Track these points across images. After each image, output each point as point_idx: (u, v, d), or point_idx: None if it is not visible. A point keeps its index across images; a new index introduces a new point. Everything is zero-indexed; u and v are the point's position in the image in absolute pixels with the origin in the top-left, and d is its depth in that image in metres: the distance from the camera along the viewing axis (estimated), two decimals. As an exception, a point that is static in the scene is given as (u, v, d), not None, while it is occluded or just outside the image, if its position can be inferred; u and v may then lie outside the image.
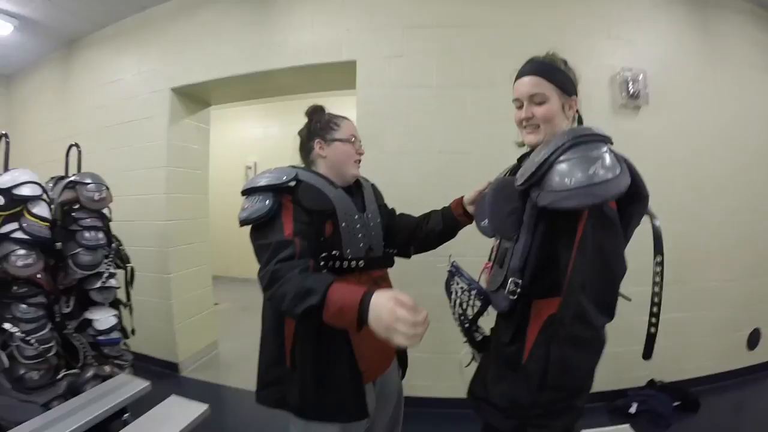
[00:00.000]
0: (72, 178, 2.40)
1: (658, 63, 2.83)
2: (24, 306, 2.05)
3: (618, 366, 2.76)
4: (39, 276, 2.11)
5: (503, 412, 1.05)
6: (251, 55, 2.99)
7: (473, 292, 1.20)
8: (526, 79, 1.11)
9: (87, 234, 2.33)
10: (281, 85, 3.28)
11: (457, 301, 1.26)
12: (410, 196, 1.77)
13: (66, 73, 3.91)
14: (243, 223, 1.18)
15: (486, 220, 1.20)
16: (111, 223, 2.45)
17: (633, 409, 2.71)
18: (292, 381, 1.20)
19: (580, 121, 1.18)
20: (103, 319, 2.40)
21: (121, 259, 2.58)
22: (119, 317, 2.45)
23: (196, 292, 3.47)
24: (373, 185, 1.52)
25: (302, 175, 1.23)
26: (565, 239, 0.95)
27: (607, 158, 0.91)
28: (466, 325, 1.23)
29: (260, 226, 1.16)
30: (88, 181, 2.42)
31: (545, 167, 0.95)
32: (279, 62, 2.93)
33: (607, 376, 2.77)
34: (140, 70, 3.36)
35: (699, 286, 3.00)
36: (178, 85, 3.22)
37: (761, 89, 3.24)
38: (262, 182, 1.19)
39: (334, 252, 1.20)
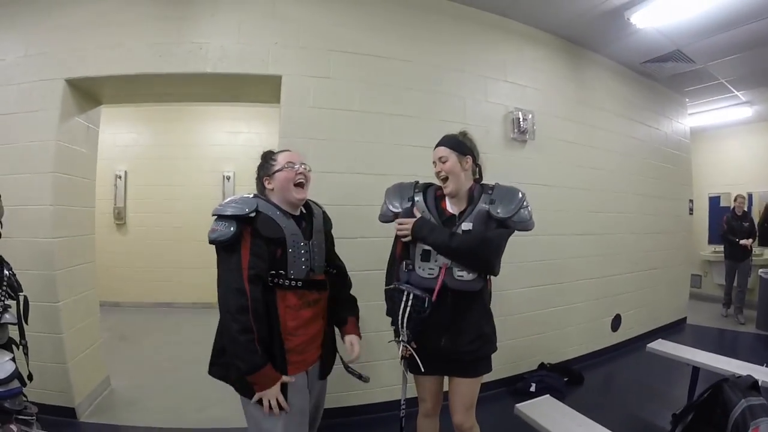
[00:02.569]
0: None
1: (541, 104, 3.66)
2: None
3: (514, 354, 3.52)
4: None
5: (479, 342, 1.81)
6: (166, 54, 2.82)
7: (426, 298, 1.74)
8: (438, 148, 1.87)
9: None
10: (195, 91, 3.20)
11: (407, 308, 1.76)
12: (331, 214, 1.99)
13: None
14: (212, 242, 1.57)
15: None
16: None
17: (533, 388, 3.31)
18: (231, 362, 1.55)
19: (480, 171, 1.95)
20: None
21: (13, 288, 2.14)
22: (15, 361, 2.06)
23: (86, 322, 3.13)
24: (324, 212, 1.91)
25: (261, 207, 1.62)
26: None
27: (530, 209, 1.83)
28: (405, 327, 1.77)
29: (225, 248, 1.55)
30: None
31: (517, 210, 1.77)
32: (197, 66, 2.82)
33: (506, 364, 3.48)
34: (28, 52, 2.89)
35: (570, 284, 3.93)
36: (74, 77, 2.86)
37: (616, 129, 4.43)
38: (229, 211, 1.57)
39: (280, 271, 1.60)
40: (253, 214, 1.56)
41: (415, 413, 2.01)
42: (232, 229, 1.53)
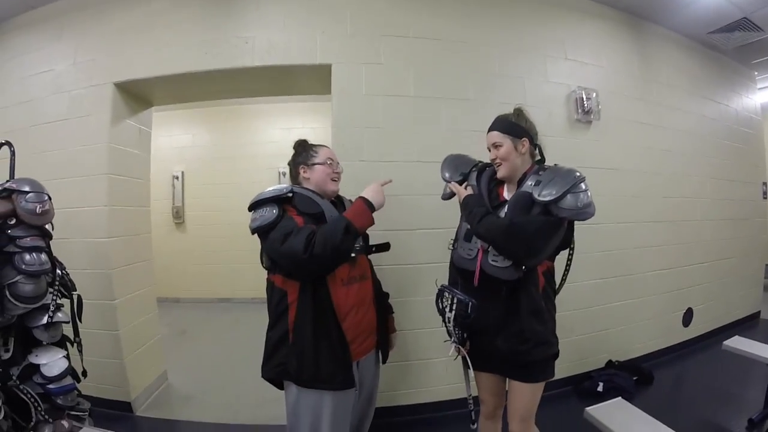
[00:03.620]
0: (6, 185, 1.96)
1: (605, 83, 3.35)
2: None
3: (580, 351, 3.25)
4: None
5: (528, 347, 1.56)
6: (212, 51, 2.77)
7: (469, 303, 1.57)
8: (490, 133, 1.70)
9: (27, 257, 1.88)
10: (243, 86, 3.12)
11: (450, 310, 1.64)
12: (389, 206, 1.81)
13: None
14: (257, 230, 1.54)
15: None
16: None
17: (600, 388, 3.06)
18: (293, 354, 1.53)
19: (540, 151, 1.72)
20: (52, 363, 2.00)
21: (66, 287, 2.14)
22: (69, 358, 2.08)
23: (143, 319, 3.15)
24: (351, 201, 1.81)
25: (296, 189, 1.64)
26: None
27: (588, 195, 1.49)
28: (456, 328, 1.65)
29: (272, 228, 1.49)
30: (27, 189, 1.96)
31: (562, 195, 1.47)
32: (245, 60, 2.75)
33: (572, 362, 3.22)
34: (77, 60, 2.94)
35: (639, 276, 3.57)
36: (122, 80, 2.87)
37: (684, 107, 4.01)
38: (266, 195, 1.55)
39: None
40: (290, 194, 1.58)
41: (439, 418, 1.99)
42: (274, 211, 1.51)
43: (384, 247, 1.78)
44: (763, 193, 5.12)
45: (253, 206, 1.56)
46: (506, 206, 1.59)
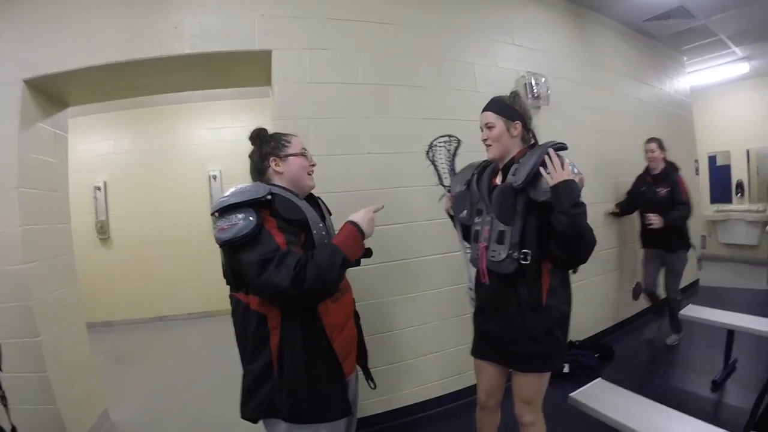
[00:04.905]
0: None
1: (553, 68, 3.44)
2: None
3: None
4: None
5: (530, 342, 1.57)
6: (135, 39, 2.47)
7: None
8: (483, 113, 1.70)
9: None
10: (172, 79, 2.84)
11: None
12: (339, 203, 1.84)
13: None
14: (228, 243, 1.25)
15: (465, 212, 1.80)
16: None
17: (566, 369, 3.14)
18: (282, 389, 1.33)
19: (534, 136, 1.73)
20: None
21: None
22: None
23: (73, 353, 2.77)
24: (319, 198, 1.71)
25: (274, 189, 1.39)
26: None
27: (573, 168, 1.52)
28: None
29: (247, 243, 1.24)
30: None
31: (533, 172, 1.50)
32: (173, 48, 2.46)
33: None
34: None
35: (592, 255, 3.43)
36: (33, 76, 2.49)
37: (624, 91, 4.29)
38: (239, 198, 1.28)
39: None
40: (269, 197, 1.33)
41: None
42: (251, 218, 1.25)
43: (367, 253, 1.60)
44: (695, 169, 5.58)
45: (222, 211, 1.27)
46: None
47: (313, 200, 1.60)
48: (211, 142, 5.79)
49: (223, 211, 1.27)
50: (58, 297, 2.66)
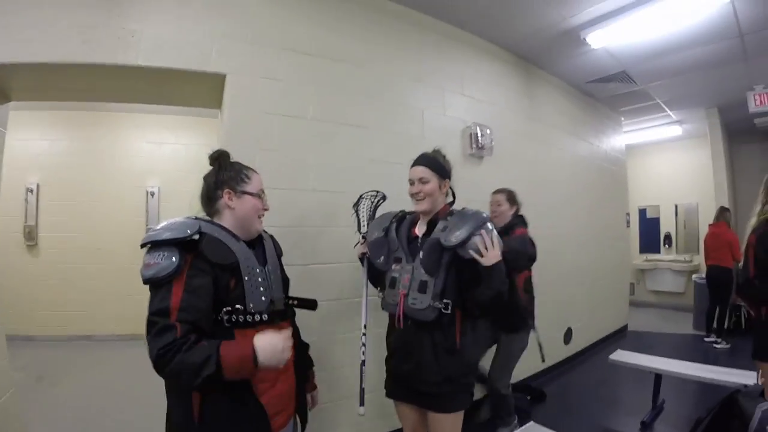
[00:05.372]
0: None
1: (498, 120, 3.61)
2: None
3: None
4: None
5: (444, 382, 1.64)
6: (91, 40, 2.29)
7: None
8: (418, 168, 1.77)
9: None
10: (121, 87, 2.69)
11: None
12: (280, 238, 1.71)
13: None
14: (149, 282, 1.19)
15: (381, 258, 1.82)
16: None
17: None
18: None
19: (453, 194, 1.85)
20: None
21: None
22: None
23: None
24: (272, 237, 1.63)
25: (205, 228, 1.31)
26: (473, 274, 1.62)
27: (496, 236, 1.65)
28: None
29: (155, 287, 1.19)
30: None
31: (467, 238, 1.60)
32: (128, 57, 2.33)
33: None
34: None
35: None
36: None
37: (564, 146, 4.54)
38: (166, 235, 1.23)
39: (237, 306, 1.28)
40: (196, 236, 1.24)
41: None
42: (174, 259, 1.18)
43: (310, 304, 1.52)
44: (627, 222, 6.05)
45: (149, 246, 1.22)
46: (418, 243, 1.75)
47: (259, 240, 1.50)
48: (150, 156, 5.53)
49: (150, 246, 1.21)
50: None
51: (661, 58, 4.01)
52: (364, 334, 1.89)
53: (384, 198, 2.16)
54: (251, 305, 1.30)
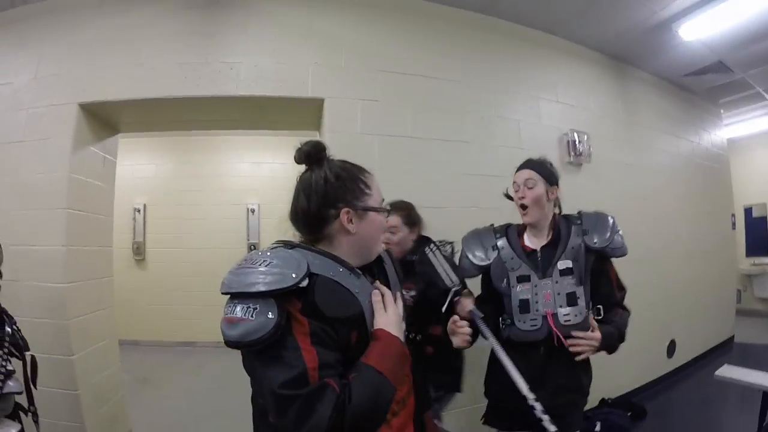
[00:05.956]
0: None
1: (594, 125, 3.43)
2: None
3: None
4: None
5: (581, 398, 1.63)
6: (192, 76, 2.52)
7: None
8: (524, 171, 1.67)
9: None
10: (223, 117, 2.91)
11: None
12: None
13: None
14: (235, 345, 0.83)
15: (504, 281, 1.65)
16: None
17: (598, 427, 3.01)
18: None
19: (559, 203, 1.75)
20: None
21: (17, 346, 1.79)
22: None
23: (105, 374, 2.79)
24: (389, 253, 1.22)
25: (316, 266, 0.90)
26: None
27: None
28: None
29: (261, 352, 0.83)
30: None
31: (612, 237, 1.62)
32: (229, 89, 2.51)
33: None
34: (38, 74, 2.61)
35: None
36: (88, 101, 2.57)
37: (662, 146, 4.21)
38: (261, 286, 0.83)
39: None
40: (305, 282, 0.85)
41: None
42: (270, 315, 0.81)
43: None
44: (732, 223, 5.45)
45: (234, 295, 0.86)
46: (554, 258, 1.61)
47: (378, 262, 1.12)
48: (250, 175, 5.89)
49: (234, 295, 0.86)
50: (95, 318, 2.71)
51: (758, 44, 3.62)
52: (536, 400, 1.42)
53: (452, 245, 2.04)
54: None
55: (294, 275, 0.83)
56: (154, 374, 4.50)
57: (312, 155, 1.01)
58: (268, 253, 0.89)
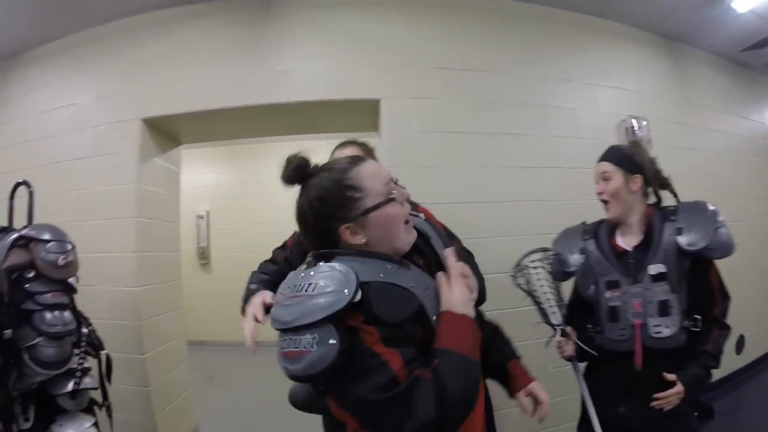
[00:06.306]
0: (24, 233, 1.69)
1: (651, 109, 3.19)
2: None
3: None
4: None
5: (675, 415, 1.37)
6: (246, 86, 2.57)
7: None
8: (602, 163, 1.51)
9: (49, 315, 1.61)
10: (280, 124, 2.91)
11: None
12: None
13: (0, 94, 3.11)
14: (303, 379, 0.79)
15: (592, 288, 1.48)
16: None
17: None
18: None
19: (657, 192, 1.55)
20: None
21: (93, 346, 1.87)
22: (97, 426, 1.80)
23: (174, 372, 2.91)
24: (426, 220, 1.13)
25: (364, 273, 0.81)
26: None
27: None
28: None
29: (335, 377, 0.75)
30: (48, 237, 1.70)
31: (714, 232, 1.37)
32: (282, 96, 2.52)
33: None
34: (100, 94, 2.77)
35: None
36: (151, 116, 2.67)
37: (722, 128, 3.87)
38: (315, 314, 0.74)
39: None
40: (358, 296, 0.77)
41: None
42: (332, 341, 0.73)
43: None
44: None
45: (289, 329, 0.78)
46: (644, 261, 1.41)
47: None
48: (308, 180, 5.99)
49: (284, 331, 0.78)
50: (165, 319, 2.82)
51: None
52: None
53: (558, 255, 1.62)
54: None
55: (346, 292, 0.75)
56: (220, 373, 4.64)
57: (296, 175, 0.95)
58: (311, 274, 0.81)
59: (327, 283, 0.77)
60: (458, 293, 0.88)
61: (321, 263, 0.84)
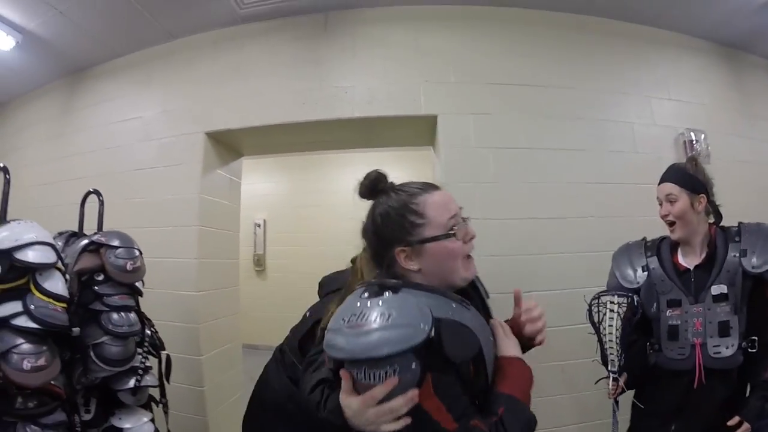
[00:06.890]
0: (94, 239, 1.71)
1: (710, 122, 2.97)
2: (36, 429, 1.31)
3: None
4: (54, 382, 1.39)
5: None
6: (308, 101, 2.59)
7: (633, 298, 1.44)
8: (665, 185, 1.45)
9: (115, 316, 1.61)
10: (339, 138, 2.92)
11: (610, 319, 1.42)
12: (498, 269, 1.74)
13: (71, 105, 3.21)
14: None
15: (654, 306, 1.42)
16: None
17: None
18: None
19: (717, 212, 1.46)
20: (137, 427, 1.67)
21: (155, 347, 1.90)
22: (154, 422, 1.80)
23: (228, 374, 2.94)
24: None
25: (435, 308, 0.74)
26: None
27: None
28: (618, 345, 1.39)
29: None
30: (117, 243, 1.69)
31: None
32: (344, 111, 2.53)
33: None
34: (166, 108, 2.86)
35: None
36: (214, 130, 2.72)
37: None
38: (394, 346, 0.67)
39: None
40: (432, 332, 0.72)
41: None
42: (413, 366, 0.69)
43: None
44: None
45: (360, 362, 0.71)
46: (708, 281, 1.38)
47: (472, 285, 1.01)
48: (360, 191, 5.99)
49: (357, 363, 0.72)
50: (223, 323, 2.88)
51: None
52: None
53: (636, 303, 1.46)
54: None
55: (423, 326, 0.70)
56: (267, 375, 4.55)
57: (368, 190, 0.98)
58: (380, 303, 0.75)
59: (401, 313, 0.72)
60: (513, 341, 0.90)
61: (387, 293, 0.77)
